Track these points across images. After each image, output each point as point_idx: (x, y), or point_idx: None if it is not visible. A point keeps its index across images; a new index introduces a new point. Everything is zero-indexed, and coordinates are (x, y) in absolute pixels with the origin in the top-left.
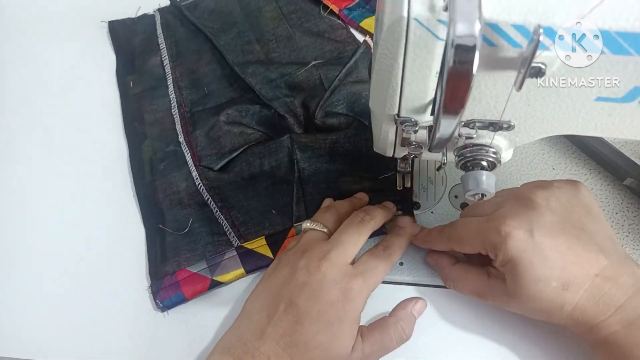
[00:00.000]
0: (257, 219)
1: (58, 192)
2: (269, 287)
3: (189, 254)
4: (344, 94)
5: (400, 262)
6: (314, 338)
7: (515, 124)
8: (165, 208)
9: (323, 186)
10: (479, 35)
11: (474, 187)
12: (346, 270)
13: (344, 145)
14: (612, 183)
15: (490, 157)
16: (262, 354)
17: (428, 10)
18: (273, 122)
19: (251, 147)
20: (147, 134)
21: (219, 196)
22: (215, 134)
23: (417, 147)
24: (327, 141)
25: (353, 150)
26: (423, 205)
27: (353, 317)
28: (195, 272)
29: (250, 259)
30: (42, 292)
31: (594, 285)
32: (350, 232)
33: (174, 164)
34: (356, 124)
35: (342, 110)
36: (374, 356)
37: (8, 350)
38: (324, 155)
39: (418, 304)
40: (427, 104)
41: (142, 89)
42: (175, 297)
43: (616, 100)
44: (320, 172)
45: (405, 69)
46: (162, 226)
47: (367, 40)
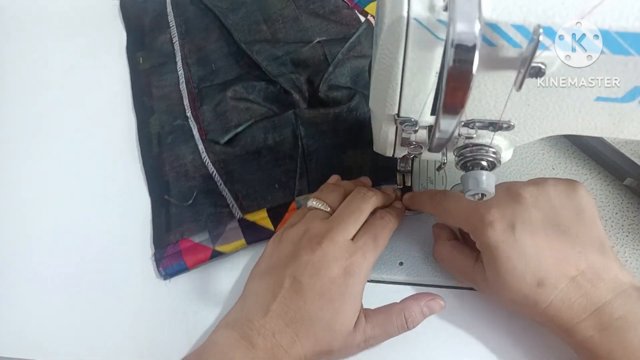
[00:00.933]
0: (259, 192)
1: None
2: (272, 264)
3: (192, 225)
4: (347, 68)
5: (400, 262)
6: (317, 314)
7: (515, 124)
8: (171, 180)
9: (326, 162)
10: (478, 35)
11: (474, 187)
12: (347, 247)
13: (347, 118)
14: (612, 183)
15: (490, 157)
16: (267, 330)
17: (428, 10)
18: (279, 98)
19: (256, 122)
20: (155, 109)
21: (224, 169)
22: (222, 109)
23: (417, 147)
24: (330, 115)
25: (355, 124)
26: None
27: (355, 292)
28: (197, 242)
29: (251, 231)
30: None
31: (571, 286)
32: (352, 210)
33: (181, 138)
34: (358, 97)
35: (345, 84)
36: (376, 339)
37: (8, 350)
38: (327, 130)
39: (433, 301)
40: (427, 104)
41: (151, 64)
42: (178, 266)
43: (616, 100)
44: (323, 147)
45: (405, 69)
46: (167, 197)
47: (369, 18)
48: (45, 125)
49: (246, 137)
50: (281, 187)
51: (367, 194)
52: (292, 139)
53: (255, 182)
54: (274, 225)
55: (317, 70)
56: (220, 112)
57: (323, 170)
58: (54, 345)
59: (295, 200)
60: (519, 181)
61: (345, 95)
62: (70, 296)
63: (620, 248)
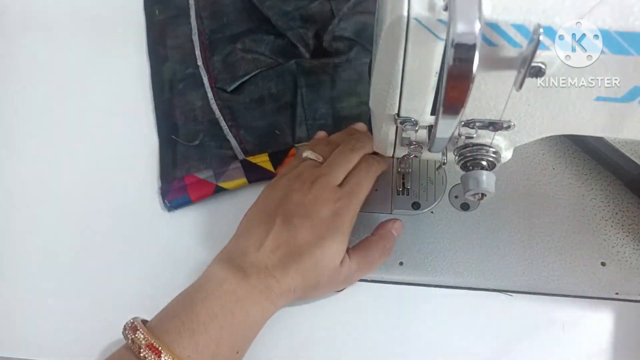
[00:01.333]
0: (262, 137)
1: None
2: (266, 205)
3: (198, 163)
4: (352, 22)
5: (400, 262)
6: (307, 250)
7: (515, 124)
8: (180, 123)
9: (323, 111)
10: (479, 35)
11: (474, 187)
12: (335, 191)
13: (346, 69)
14: (612, 183)
15: (490, 156)
16: (260, 263)
17: (428, 9)
18: (286, 50)
19: (262, 72)
20: (169, 57)
21: (230, 115)
22: (231, 60)
23: (417, 147)
24: (329, 65)
25: (353, 75)
26: (423, 205)
27: (342, 231)
28: (201, 178)
29: (253, 171)
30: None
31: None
32: (340, 159)
33: (191, 85)
34: (358, 48)
35: (348, 36)
36: (359, 272)
37: (8, 350)
38: (326, 81)
39: (396, 223)
40: (427, 104)
41: (166, 16)
42: (182, 199)
43: (616, 100)
44: (322, 97)
45: (405, 69)
46: (175, 137)
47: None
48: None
49: (251, 85)
50: (282, 134)
51: (356, 145)
52: (293, 88)
53: (259, 128)
54: (274, 167)
55: (324, 25)
56: (230, 62)
57: (322, 119)
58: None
59: (294, 147)
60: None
61: (346, 46)
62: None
63: (621, 248)
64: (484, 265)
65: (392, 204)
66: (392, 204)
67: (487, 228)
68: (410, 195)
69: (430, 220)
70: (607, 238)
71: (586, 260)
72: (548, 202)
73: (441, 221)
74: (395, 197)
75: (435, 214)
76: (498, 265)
